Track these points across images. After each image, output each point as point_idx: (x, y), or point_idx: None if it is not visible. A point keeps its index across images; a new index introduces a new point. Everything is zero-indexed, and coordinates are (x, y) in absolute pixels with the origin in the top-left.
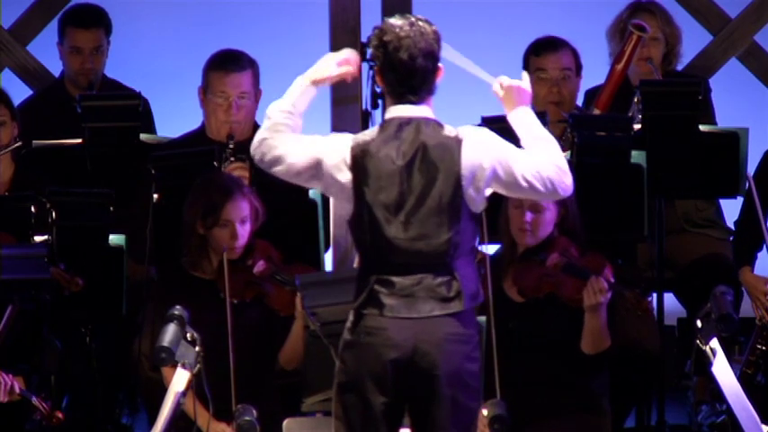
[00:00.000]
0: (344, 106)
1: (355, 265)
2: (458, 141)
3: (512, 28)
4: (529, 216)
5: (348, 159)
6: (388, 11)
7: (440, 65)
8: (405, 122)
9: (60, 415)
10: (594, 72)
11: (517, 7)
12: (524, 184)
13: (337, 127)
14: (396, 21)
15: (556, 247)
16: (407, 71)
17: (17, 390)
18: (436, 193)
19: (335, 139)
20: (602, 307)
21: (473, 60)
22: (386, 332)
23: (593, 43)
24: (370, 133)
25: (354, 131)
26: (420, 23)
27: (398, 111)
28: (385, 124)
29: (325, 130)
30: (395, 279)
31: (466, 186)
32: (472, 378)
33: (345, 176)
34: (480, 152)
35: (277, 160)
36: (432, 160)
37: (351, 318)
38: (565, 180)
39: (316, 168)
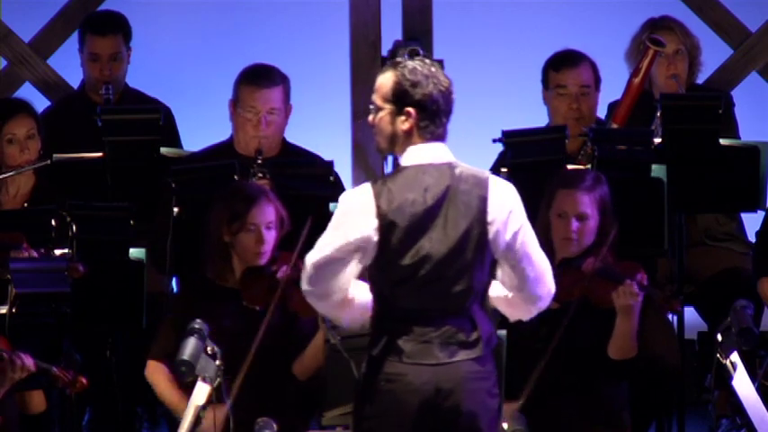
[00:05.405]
0: (365, 119)
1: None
2: (483, 185)
3: (531, 41)
4: (575, 225)
5: (373, 208)
6: (408, 26)
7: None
8: (428, 166)
9: (84, 380)
10: (616, 85)
11: (536, 20)
12: (524, 273)
13: (358, 140)
14: (410, 62)
15: (593, 254)
16: (433, 106)
17: (32, 366)
18: (461, 239)
19: (353, 207)
20: (634, 310)
21: (492, 72)
22: (406, 378)
23: (615, 55)
24: (391, 178)
25: (374, 144)
26: (432, 66)
27: (420, 152)
28: (406, 167)
29: (345, 142)
30: (413, 325)
31: (491, 230)
32: (494, 414)
33: (373, 226)
34: (508, 206)
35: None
36: (458, 205)
37: (366, 364)
38: (548, 299)
39: (363, 252)
